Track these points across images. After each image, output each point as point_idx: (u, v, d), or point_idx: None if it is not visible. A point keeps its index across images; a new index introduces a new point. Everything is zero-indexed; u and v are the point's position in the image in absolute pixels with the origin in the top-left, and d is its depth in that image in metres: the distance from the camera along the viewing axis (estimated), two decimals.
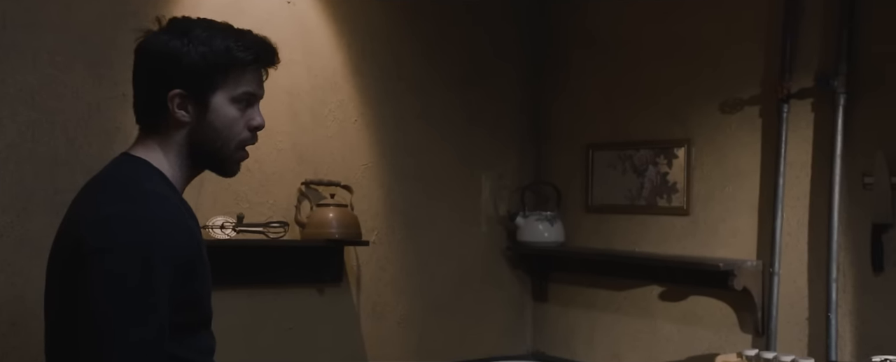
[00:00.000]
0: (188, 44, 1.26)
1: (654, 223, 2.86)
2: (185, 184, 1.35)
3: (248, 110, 1.33)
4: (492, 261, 3.16)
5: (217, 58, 1.27)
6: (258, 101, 1.35)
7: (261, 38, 1.34)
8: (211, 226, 2.26)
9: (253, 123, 1.33)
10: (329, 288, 2.65)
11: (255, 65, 1.32)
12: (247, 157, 1.37)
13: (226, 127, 1.29)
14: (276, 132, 2.52)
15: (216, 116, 1.28)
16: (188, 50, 1.26)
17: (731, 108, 2.63)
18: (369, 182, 2.77)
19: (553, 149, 3.24)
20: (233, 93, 1.29)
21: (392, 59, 2.85)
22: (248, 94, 1.32)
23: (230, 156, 1.33)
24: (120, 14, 2.18)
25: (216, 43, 1.27)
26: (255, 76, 1.32)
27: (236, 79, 1.29)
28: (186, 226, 1.24)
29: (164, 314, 1.16)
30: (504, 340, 3.21)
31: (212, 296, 1.35)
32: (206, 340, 1.33)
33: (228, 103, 1.29)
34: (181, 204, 1.30)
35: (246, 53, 1.29)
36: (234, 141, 1.32)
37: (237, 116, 1.31)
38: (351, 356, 2.72)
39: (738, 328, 2.58)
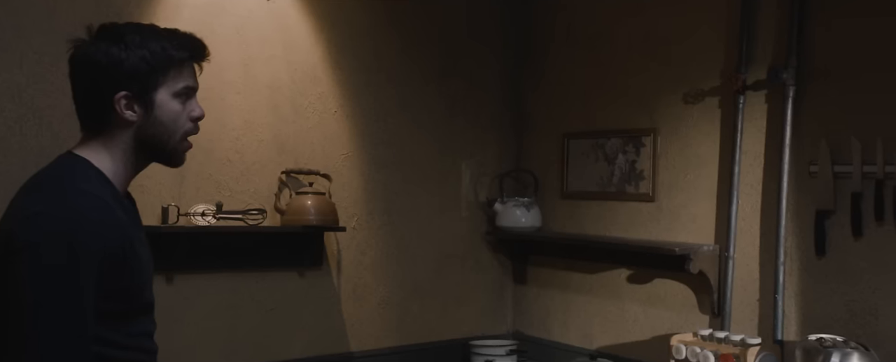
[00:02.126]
0: (126, 49, 1.36)
1: (623, 209, 2.98)
2: (129, 178, 1.45)
3: (188, 103, 1.43)
4: (473, 245, 3.30)
5: (155, 58, 1.37)
6: (195, 94, 1.46)
7: (191, 35, 1.44)
8: (192, 213, 2.41)
9: (194, 114, 1.44)
10: (309, 272, 2.80)
11: (191, 60, 1.43)
12: (190, 147, 1.48)
13: (171, 120, 1.41)
14: (257, 124, 2.66)
15: (161, 112, 1.39)
16: (128, 54, 1.35)
17: (694, 99, 2.73)
18: (349, 171, 2.91)
19: (532, 137, 3.36)
20: (173, 89, 1.40)
21: (371, 53, 2.97)
22: (188, 88, 1.43)
23: (176, 147, 1.44)
24: (104, 15, 2.28)
25: (152, 45, 1.37)
26: (190, 71, 1.43)
27: (175, 75, 1.40)
28: (115, 221, 1.33)
29: (89, 302, 1.26)
30: (485, 321, 3.35)
31: (152, 284, 1.49)
32: (144, 326, 1.44)
33: (171, 98, 1.40)
34: (117, 200, 1.38)
35: (181, 51, 1.40)
36: (179, 132, 1.43)
37: (180, 110, 1.42)
38: (332, 336, 2.87)
39: (697, 309, 2.70)
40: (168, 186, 2.45)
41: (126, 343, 1.37)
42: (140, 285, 1.41)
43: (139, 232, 1.45)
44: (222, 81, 2.58)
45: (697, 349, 2.40)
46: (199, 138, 2.48)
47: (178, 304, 2.49)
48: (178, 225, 2.40)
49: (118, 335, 1.35)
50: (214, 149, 2.56)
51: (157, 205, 2.41)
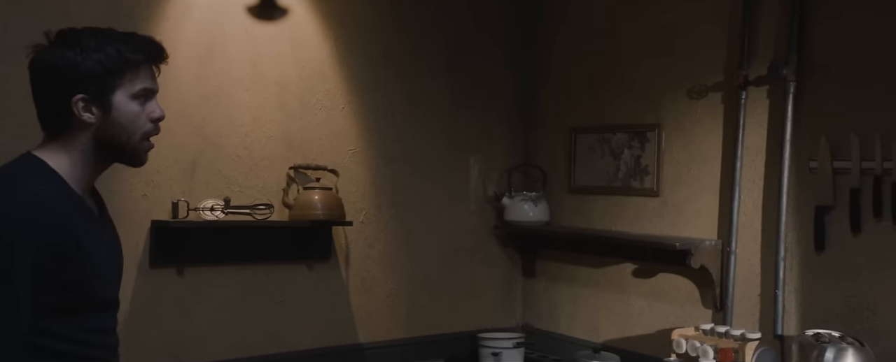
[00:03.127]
0: (82, 53, 1.39)
1: (628, 204, 3.00)
2: (90, 178, 1.47)
3: (147, 104, 1.46)
4: (481, 239, 3.34)
5: (111, 61, 1.40)
6: (155, 95, 1.48)
7: (147, 37, 1.47)
8: (201, 208, 2.48)
9: (154, 115, 1.47)
10: (318, 265, 2.86)
11: (147, 62, 1.45)
12: (152, 147, 1.50)
13: (130, 121, 1.43)
14: (265, 121, 2.72)
15: (119, 114, 1.42)
16: (83, 58, 1.39)
17: (697, 94, 2.74)
18: (357, 166, 2.96)
19: (540, 132, 3.39)
20: (131, 91, 1.43)
21: (379, 49, 3.01)
22: (146, 90, 1.45)
23: (136, 147, 1.46)
24: (115, 15, 2.39)
25: (107, 48, 1.40)
26: (148, 73, 1.45)
27: (132, 78, 1.42)
28: (58, 217, 1.35)
29: (24, 296, 1.30)
30: (494, 314, 3.40)
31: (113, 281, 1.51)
32: (99, 321, 1.46)
33: (129, 100, 1.43)
34: (71, 198, 1.41)
35: (136, 54, 1.43)
36: (139, 133, 1.45)
37: (138, 111, 1.44)
38: (341, 327, 2.94)
39: (701, 304, 2.72)
40: (178, 181, 2.52)
41: (76, 337, 1.40)
42: (91, 280, 1.42)
43: (99, 229, 1.47)
44: (231, 79, 2.64)
45: (697, 343, 2.42)
46: (209, 135, 2.59)
47: (189, 297, 2.56)
48: (187, 219, 2.47)
49: (67, 328, 1.38)
50: (223, 146, 2.62)
51: (167, 200, 2.49)
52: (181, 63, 2.53)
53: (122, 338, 2.42)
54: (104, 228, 1.51)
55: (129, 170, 2.41)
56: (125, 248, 2.35)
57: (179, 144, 2.53)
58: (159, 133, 1.49)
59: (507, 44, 3.37)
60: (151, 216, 2.47)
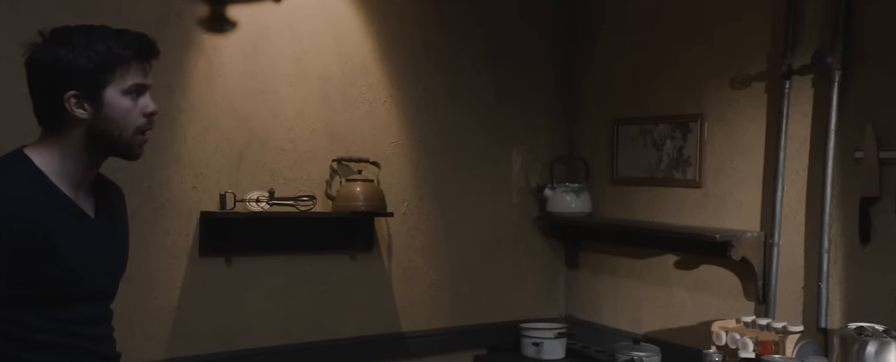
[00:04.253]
0: (73, 50, 1.42)
1: (670, 195, 2.98)
2: (84, 173, 1.50)
3: (140, 99, 1.48)
4: (524, 230, 3.36)
5: (101, 58, 1.43)
6: (148, 90, 1.50)
7: (139, 34, 1.49)
8: (247, 199, 2.57)
9: (147, 110, 1.49)
10: (361, 255, 2.92)
11: (138, 59, 1.47)
12: (146, 141, 1.53)
13: (121, 117, 1.46)
14: (308, 114, 2.79)
15: (111, 109, 1.45)
16: (74, 56, 1.42)
17: (740, 84, 2.70)
18: (399, 158, 3.01)
19: (582, 123, 3.38)
20: (122, 87, 1.45)
21: (420, 42, 3.05)
22: (137, 86, 1.47)
23: (129, 142, 1.49)
24: (164, 15, 2.48)
25: (98, 45, 1.43)
26: (138, 68, 1.47)
27: (123, 74, 1.45)
28: (24, 213, 1.38)
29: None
30: (538, 305, 3.42)
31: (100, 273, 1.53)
32: (81, 312, 1.48)
33: (120, 96, 1.45)
34: (52, 194, 1.44)
35: (126, 50, 1.45)
36: (132, 128, 1.48)
37: (130, 106, 1.47)
38: (384, 316, 3.00)
39: (743, 296, 2.69)
40: (226, 174, 2.61)
41: (55, 327, 1.43)
42: (64, 274, 1.44)
43: (84, 224, 1.48)
44: (276, 75, 2.71)
45: (737, 335, 2.40)
46: (255, 128, 2.67)
47: (237, 285, 2.66)
48: (234, 210, 2.56)
49: (45, 320, 1.42)
50: (269, 139, 2.70)
51: (215, 191, 2.58)
52: (228, 60, 2.62)
53: (173, 325, 2.56)
54: (97, 223, 1.51)
55: (181, 164, 2.54)
56: (176, 238, 2.53)
57: (227, 138, 2.62)
58: (153, 127, 1.51)
59: (550, 36, 3.37)
60: (201, 207, 2.57)
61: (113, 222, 1.58)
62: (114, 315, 1.62)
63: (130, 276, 2.42)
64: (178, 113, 2.53)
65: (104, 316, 1.56)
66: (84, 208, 1.50)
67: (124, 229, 1.68)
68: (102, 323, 1.55)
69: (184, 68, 2.54)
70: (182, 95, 2.53)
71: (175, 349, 2.55)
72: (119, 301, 2.39)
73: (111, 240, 1.56)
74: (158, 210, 2.50)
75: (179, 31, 2.53)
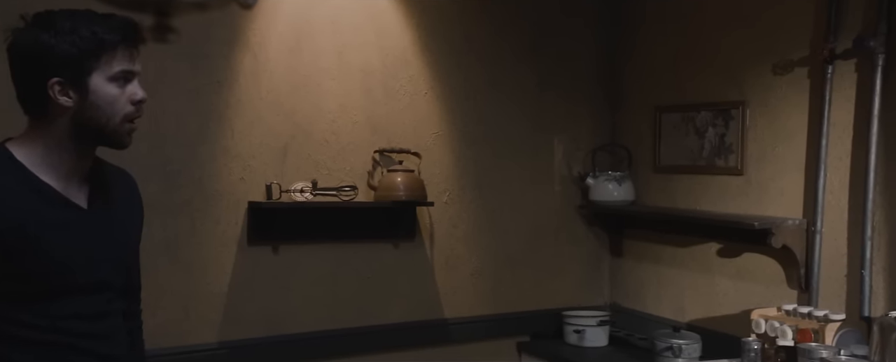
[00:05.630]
0: (56, 35, 1.36)
1: (712, 182, 2.96)
2: (72, 162, 1.44)
3: (127, 86, 1.42)
4: (567, 218, 3.38)
5: (85, 43, 1.36)
6: (136, 77, 1.44)
7: (125, 18, 1.42)
8: (292, 190, 2.67)
9: (135, 98, 1.43)
10: (404, 243, 3.00)
11: (125, 44, 1.40)
12: (135, 129, 1.47)
13: (108, 104, 1.40)
14: (351, 107, 2.87)
15: (97, 97, 1.39)
16: (57, 41, 1.36)
17: (782, 70, 2.67)
18: (440, 148, 3.07)
19: (625, 111, 3.38)
20: (108, 73, 1.39)
21: (461, 33, 3.09)
22: (124, 72, 1.41)
23: (117, 130, 1.42)
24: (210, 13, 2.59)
25: (82, 30, 1.36)
26: (125, 54, 1.40)
27: (108, 60, 1.38)
28: (3, 206, 1.35)
29: None
30: (581, 292, 3.44)
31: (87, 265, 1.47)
32: (71, 307, 1.43)
33: (106, 83, 1.39)
34: (31, 185, 1.39)
35: (112, 35, 1.38)
36: (119, 116, 1.41)
37: (117, 93, 1.40)
38: (427, 303, 3.07)
39: (786, 284, 2.66)
40: (271, 166, 2.72)
41: (42, 323, 1.39)
42: (44, 266, 1.40)
43: (70, 214, 1.44)
44: (318, 68, 2.80)
45: (776, 323, 2.38)
46: (300, 121, 2.77)
47: (283, 272, 2.76)
48: (279, 200, 2.66)
49: (31, 315, 1.38)
50: (313, 132, 2.79)
51: (261, 182, 2.68)
52: (272, 55, 2.71)
53: (223, 310, 2.68)
54: (90, 214, 1.46)
55: (229, 156, 2.65)
56: (225, 227, 2.64)
57: (272, 131, 2.72)
58: (142, 115, 1.46)
59: (592, 24, 3.37)
60: (248, 197, 2.67)
61: (111, 212, 1.51)
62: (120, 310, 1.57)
63: (185, 263, 2.59)
64: (226, 107, 2.64)
65: (103, 311, 1.49)
66: (74, 199, 1.44)
67: (130, 218, 1.60)
68: (100, 319, 1.48)
69: (231, 64, 2.64)
70: (229, 90, 2.64)
71: (227, 333, 2.67)
72: (175, 287, 2.56)
73: (108, 231, 1.49)
74: (209, 200, 2.62)
75: (226, 29, 2.63)
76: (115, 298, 1.53)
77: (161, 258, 2.54)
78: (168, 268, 2.55)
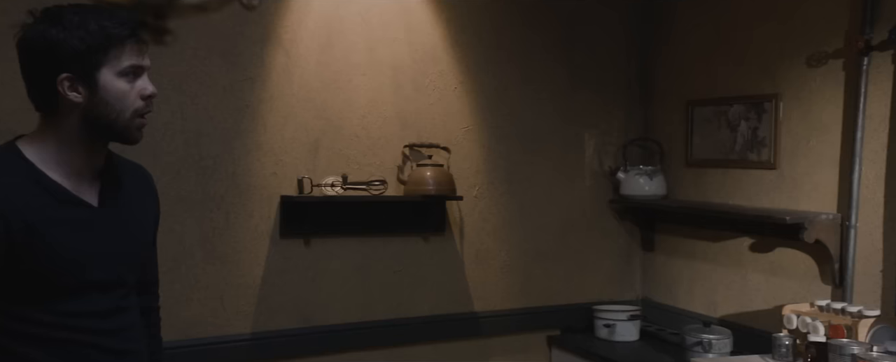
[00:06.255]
0: (64, 30, 1.34)
1: (745, 177, 2.92)
2: (83, 158, 1.43)
3: (137, 81, 1.41)
4: (597, 212, 3.37)
5: (93, 38, 1.35)
6: (145, 72, 1.43)
7: (133, 13, 1.42)
8: (323, 184, 2.71)
9: (144, 93, 1.41)
10: (433, 237, 3.02)
11: (133, 38, 1.39)
12: (145, 124, 1.45)
13: (117, 99, 1.38)
14: (381, 102, 2.90)
15: (106, 92, 1.37)
16: (66, 35, 1.34)
17: (817, 62, 2.62)
18: (470, 143, 3.08)
19: (657, 105, 3.35)
20: (117, 68, 1.38)
21: (492, 29, 3.10)
22: (134, 67, 1.40)
23: (127, 125, 1.41)
24: (245, 11, 2.64)
25: (90, 25, 1.35)
26: (135, 49, 1.39)
27: (117, 54, 1.37)
28: (10, 204, 1.34)
29: None
30: (613, 287, 3.43)
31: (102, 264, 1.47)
32: (86, 304, 1.43)
33: (116, 78, 1.38)
34: (40, 184, 1.38)
35: (120, 29, 1.37)
36: (129, 111, 1.40)
37: (127, 89, 1.39)
38: (457, 296, 3.09)
39: (819, 279, 2.62)
40: (303, 160, 2.76)
41: (53, 321, 1.39)
42: (61, 264, 1.39)
43: (79, 212, 1.42)
44: (349, 64, 2.84)
45: (808, 319, 2.35)
46: (330, 117, 2.81)
47: (315, 265, 2.81)
48: (311, 194, 2.70)
49: (42, 312, 1.38)
50: (343, 127, 2.83)
51: (293, 177, 2.73)
52: (304, 52, 2.76)
53: (258, 301, 2.74)
54: (101, 211, 1.45)
55: (261, 151, 2.70)
56: (259, 221, 2.70)
57: (304, 127, 2.76)
58: (152, 110, 1.45)
59: (624, 17, 3.35)
60: (280, 191, 2.72)
61: (123, 208, 1.49)
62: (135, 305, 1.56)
63: (219, 256, 2.65)
64: (259, 103, 2.69)
65: (117, 307, 1.48)
66: (86, 196, 1.43)
67: (144, 213, 1.59)
68: (115, 315, 1.48)
69: (263, 61, 2.69)
70: (262, 87, 2.69)
71: (261, 323, 2.73)
72: (210, 279, 2.63)
73: (120, 228, 1.48)
74: (242, 194, 2.68)
75: (259, 26, 2.68)
76: (129, 294, 1.53)
77: (197, 251, 2.61)
78: (203, 260, 2.62)
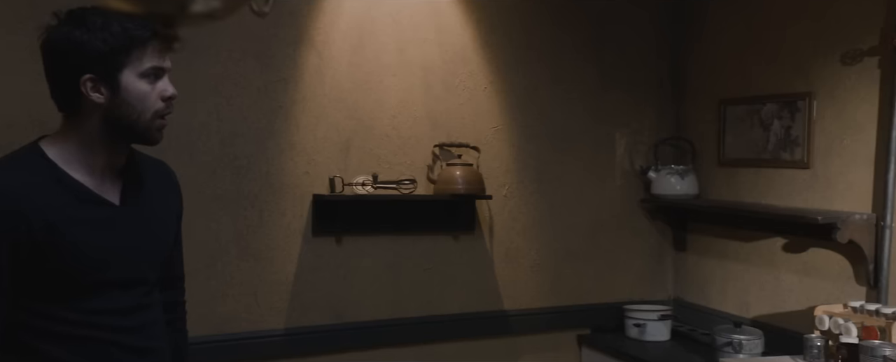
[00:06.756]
0: (87, 31, 1.36)
1: (778, 176, 2.90)
2: (105, 159, 1.45)
3: (158, 83, 1.43)
4: (628, 211, 3.37)
5: (116, 39, 1.37)
6: (166, 73, 1.44)
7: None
8: (354, 183, 2.76)
9: (165, 94, 1.43)
10: (463, 236, 3.05)
11: (154, 40, 1.39)
12: (165, 125, 1.47)
13: (139, 101, 1.40)
14: (411, 102, 2.94)
15: (128, 93, 1.40)
16: (89, 37, 1.36)
17: (851, 60, 2.59)
18: (500, 143, 3.10)
19: (689, 104, 3.33)
20: (139, 70, 1.40)
21: (521, 29, 3.12)
22: (155, 69, 1.42)
23: (148, 126, 1.43)
24: (279, 13, 2.69)
25: (113, 26, 1.36)
26: (156, 51, 1.40)
27: (139, 56, 1.39)
28: (31, 203, 1.36)
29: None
30: (645, 287, 3.42)
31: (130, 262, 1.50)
32: (109, 302, 1.45)
33: (137, 79, 1.40)
34: (64, 184, 1.40)
35: (143, 31, 1.37)
36: (149, 112, 1.42)
37: (148, 90, 1.41)
38: (487, 295, 3.11)
39: (854, 280, 2.59)
40: (335, 160, 2.81)
41: (76, 318, 1.42)
42: (83, 262, 1.41)
43: (101, 211, 1.44)
44: (380, 65, 2.88)
45: (841, 320, 2.33)
46: (362, 117, 2.86)
47: (346, 262, 2.86)
48: (342, 193, 2.75)
49: (66, 310, 1.41)
50: (374, 127, 2.87)
51: (325, 176, 2.78)
52: (336, 54, 2.81)
53: (291, 297, 2.80)
54: (123, 209, 1.48)
55: (294, 151, 2.75)
56: (292, 219, 2.76)
57: (335, 127, 2.81)
58: (172, 111, 1.47)
59: (655, 16, 3.34)
60: (313, 190, 2.78)
61: (145, 206, 1.52)
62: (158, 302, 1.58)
63: (253, 253, 2.72)
64: (292, 104, 2.75)
65: (139, 304, 1.51)
66: (107, 195, 1.46)
67: (167, 210, 1.61)
68: (136, 312, 1.50)
69: (296, 62, 2.75)
70: (295, 87, 2.75)
71: (293, 319, 2.79)
72: (245, 275, 2.69)
73: (141, 226, 1.51)
74: (276, 193, 2.74)
75: (292, 29, 2.73)
76: (152, 291, 1.55)
77: (231, 248, 2.67)
78: (238, 257, 2.68)
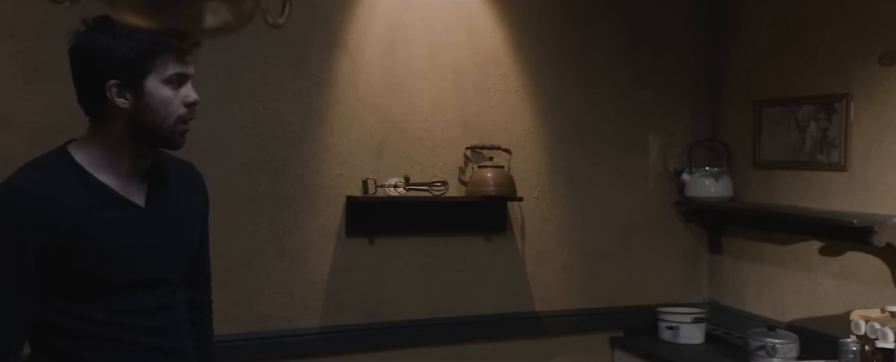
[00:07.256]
0: (114, 38, 1.39)
1: (814, 179, 2.86)
2: (130, 162, 1.49)
3: (181, 89, 1.46)
4: (662, 214, 3.35)
5: (142, 46, 1.40)
6: (189, 80, 1.48)
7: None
8: (386, 185, 2.80)
9: (188, 100, 1.47)
10: (495, 237, 3.07)
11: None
12: (188, 130, 1.51)
13: (162, 106, 1.44)
14: (443, 105, 2.97)
15: (152, 99, 1.43)
16: (115, 44, 1.39)
17: (890, 60, 2.55)
18: (532, 145, 3.12)
19: (724, 106, 3.31)
20: (163, 76, 1.43)
21: (553, 32, 3.13)
22: (178, 75, 1.45)
23: (171, 130, 1.47)
24: (314, 19, 2.75)
25: (138, 34, 1.37)
26: (180, 58, 1.42)
27: (163, 63, 1.42)
28: (58, 205, 1.40)
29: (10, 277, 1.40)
30: (679, 289, 3.40)
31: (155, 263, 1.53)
32: (134, 302, 1.48)
33: (161, 85, 1.44)
34: (91, 187, 1.44)
35: (167, 39, 1.44)
36: (173, 117, 1.46)
37: (171, 96, 1.45)
38: (518, 296, 3.13)
39: (892, 285, 2.55)
40: (368, 162, 2.86)
41: (102, 318, 1.45)
42: (109, 262, 1.45)
43: (126, 212, 1.48)
44: (412, 69, 2.92)
45: (877, 325, 2.29)
46: (394, 120, 2.90)
47: (379, 263, 2.90)
48: (375, 195, 2.80)
49: (93, 310, 1.44)
50: (407, 129, 2.91)
51: (358, 178, 2.83)
52: (369, 58, 2.85)
53: (325, 297, 2.85)
54: (148, 211, 1.51)
55: (328, 153, 2.81)
56: (326, 220, 2.81)
57: (368, 130, 2.86)
58: (195, 117, 1.50)
59: (690, 17, 3.32)
60: (346, 192, 2.83)
61: (171, 208, 1.55)
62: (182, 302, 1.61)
63: (289, 253, 2.78)
64: (326, 107, 2.80)
65: (164, 305, 1.54)
66: (133, 198, 1.49)
67: (192, 211, 1.64)
68: (161, 312, 1.53)
69: (330, 67, 2.80)
70: (329, 91, 2.80)
71: (328, 318, 2.84)
72: (280, 275, 2.76)
73: (167, 227, 1.54)
74: (310, 195, 2.79)
75: (326, 34, 2.79)
76: (176, 291, 1.58)
77: (268, 248, 2.74)
78: (274, 257, 2.75)
